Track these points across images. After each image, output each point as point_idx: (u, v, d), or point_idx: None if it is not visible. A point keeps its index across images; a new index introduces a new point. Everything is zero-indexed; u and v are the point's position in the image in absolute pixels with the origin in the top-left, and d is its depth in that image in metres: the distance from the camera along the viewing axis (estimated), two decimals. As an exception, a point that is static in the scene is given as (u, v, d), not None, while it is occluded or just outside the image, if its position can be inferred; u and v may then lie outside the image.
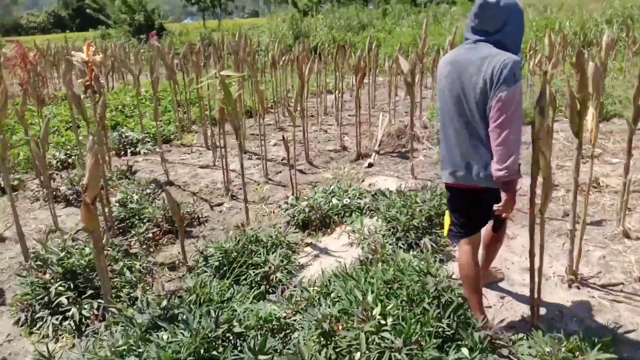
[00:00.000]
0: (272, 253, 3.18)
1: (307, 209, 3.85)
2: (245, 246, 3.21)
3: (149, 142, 6.48)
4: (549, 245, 3.30)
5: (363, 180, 4.79)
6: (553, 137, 4.78)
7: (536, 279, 2.38)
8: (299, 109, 4.94)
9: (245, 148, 6.09)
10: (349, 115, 7.83)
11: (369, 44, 6.72)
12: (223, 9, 56.73)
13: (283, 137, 4.26)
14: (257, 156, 5.84)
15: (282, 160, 5.75)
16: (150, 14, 33.86)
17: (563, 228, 3.52)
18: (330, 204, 3.89)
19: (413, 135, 4.54)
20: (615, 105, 6.93)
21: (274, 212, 4.33)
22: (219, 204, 4.62)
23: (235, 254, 3.10)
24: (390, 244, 3.25)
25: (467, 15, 19.34)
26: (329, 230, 3.77)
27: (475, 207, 2.40)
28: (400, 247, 3.21)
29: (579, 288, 2.86)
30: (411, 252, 3.11)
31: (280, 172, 5.41)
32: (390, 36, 18.94)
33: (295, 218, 3.87)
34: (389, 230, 3.35)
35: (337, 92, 7.28)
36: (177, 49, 15.62)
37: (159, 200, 4.39)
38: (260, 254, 3.15)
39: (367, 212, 3.84)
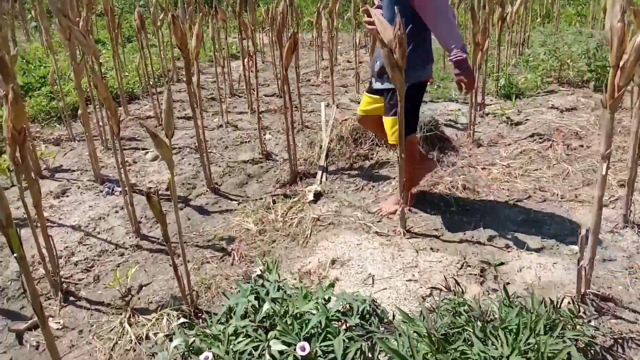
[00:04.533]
0: None
1: (210, 375, 1.65)
2: None
3: None
4: None
5: (313, 244, 2.61)
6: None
7: None
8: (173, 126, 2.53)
9: (101, 174, 3.62)
10: (266, 96, 5.50)
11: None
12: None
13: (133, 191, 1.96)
14: (120, 189, 3.43)
15: (166, 190, 3.43)
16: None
17: None
18: (266, 357, 1.71)
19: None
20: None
21: (149, 338, 2.07)
22: (26, 329, 2.26)
23: None
24: None
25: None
26: None
27: None
28: None
29: None
30: None
31: (166, 211, 3.10)
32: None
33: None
34: None
35: (245, 60, 4.91)
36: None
37: None
38: None
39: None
